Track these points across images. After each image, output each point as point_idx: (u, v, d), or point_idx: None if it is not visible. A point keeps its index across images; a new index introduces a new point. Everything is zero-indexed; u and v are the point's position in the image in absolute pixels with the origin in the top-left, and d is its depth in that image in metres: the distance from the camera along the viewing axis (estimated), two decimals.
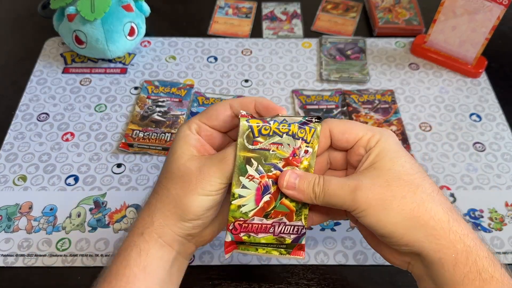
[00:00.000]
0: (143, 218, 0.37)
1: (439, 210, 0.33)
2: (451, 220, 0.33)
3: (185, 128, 0.38)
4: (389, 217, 0.33)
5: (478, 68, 0.67)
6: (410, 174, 0.34)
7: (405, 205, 0.33)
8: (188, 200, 0.36)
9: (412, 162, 0.35)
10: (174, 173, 0.37)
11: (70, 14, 0.62)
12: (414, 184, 0.34)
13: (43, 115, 0.62)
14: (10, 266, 0.48)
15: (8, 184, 0.54)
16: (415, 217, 0.33)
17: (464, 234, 0.32)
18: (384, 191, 0.33)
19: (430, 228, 0.33)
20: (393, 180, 0.34)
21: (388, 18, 0.75)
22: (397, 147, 0.36)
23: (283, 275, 0.48)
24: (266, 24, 0.76)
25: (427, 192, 0.34)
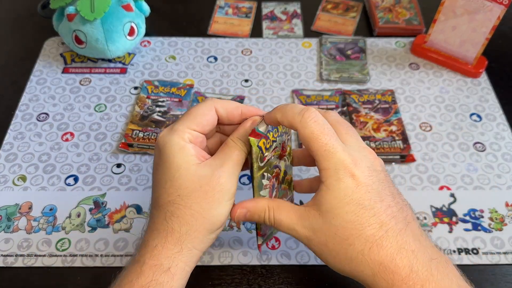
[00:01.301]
0: (168, 248, 0.35)
1: (365, 267, 0.34)
2: (378, 274, 0.34)
3: (176, 139, 0.36)
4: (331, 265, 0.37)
5: (478, 68, 0.67)
6: (346, 230, 0.35)
7: (339, 260, 0.36)
8: (216, 210, 0.36)
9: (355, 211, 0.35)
10: (190, 187, 0.35)
11: (69, 14, 0.62)
12: (348, 242, 0.35)
13: (42, 115, 0.62)
14: (9, 266, 0.48)
15: (7, 184, 0.54)
16: (346, 271, 0.36)
17: (389, 285, 0.33)
18: (323, 247, 0.36)
19: (360, 281, 0.36)
20: (331, 237, 0.35)
21: (388, 18, 0.74)
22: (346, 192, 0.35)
23: (283, 275, 0.48)
24: (266, 24, 0.76)
25: (358, 250, 0.34)
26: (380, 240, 0.34)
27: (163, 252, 0.35)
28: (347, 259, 0.35)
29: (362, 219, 0.34)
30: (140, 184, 0.55)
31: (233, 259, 0.49)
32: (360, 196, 0.35)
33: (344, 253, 0.35)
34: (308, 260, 0.49)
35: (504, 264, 0.49)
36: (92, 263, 0.48)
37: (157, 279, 0.34)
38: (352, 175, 0.35)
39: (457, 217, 0.52)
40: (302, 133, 0.35)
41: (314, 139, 0.35)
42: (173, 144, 0.36)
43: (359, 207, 0.35)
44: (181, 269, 0.36)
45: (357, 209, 0.34)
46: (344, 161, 0.35)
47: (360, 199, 0.35)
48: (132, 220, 0.51)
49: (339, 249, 0.35)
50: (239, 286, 0.47)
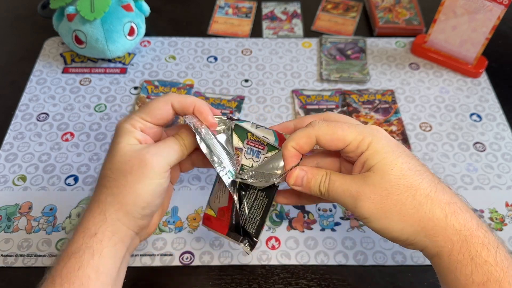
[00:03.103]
0: (94, 216, 0.37)
1: (436, 210, 0.35)
2: (449, 215, 0.35)
3: (127, 125, 0.39)
4: (391, 224, 0.35)
5: (478, 68, 0.67)
6: (408, 177, 0.35)
7: (405, 211, 0.35)
8: (140, 185, 0.37)
9: (409, 160, 0.36)
10: (120, 162, 0.38)
11: (69, 14, 0.62)
12: (413, 187, 0.35)
13: (42, 115, 0.62)
14: (10, 266, 0.48)
15: (7, 184, 0.54)
16: (415, 222, 0.35)
17: (461, 226, 0.35)
18: (385, 201, 0.35)
19: (429, 229, 0.35)
20: (392, 187, 0.35)
21: (388, 18, 0.74)
22: (391, 147, 0.37)
23: (283, 275, 0.48)
24: (266, 24, 0.76)
25: (425, 193, 0.35)
26: (439, 184, 0.36)
27: (90, 220, 0.37)
28: (415, 206, 0.35)
29: (418, 167, 0.36)
30: None
31: (233, 259, 0.49)
32: (403, 149, 0.37)
33: (412, 201, 0.35)
34: (308, 260, 0.49)
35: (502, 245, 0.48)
36: None
37: (87, 243, 0.36)
38: (386, 135, 0.38)
39: None
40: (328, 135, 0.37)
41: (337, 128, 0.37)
42: (123, 129, 0.39)
43: (409, 157, 0.36)
44: (108, 237, 0.36)
45: (409, 159, 0.36)
46: (372, 126, 0.38)
47: (405, 151, 0.37)
48: None
49: (405, 198, 0.35)
50: (239, 286, 0.47)
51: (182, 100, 0.40)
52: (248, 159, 0.42)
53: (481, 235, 0.34)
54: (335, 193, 0.37)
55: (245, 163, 0.42)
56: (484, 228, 0.35)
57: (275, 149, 0.41)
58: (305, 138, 0.38)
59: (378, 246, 0.50)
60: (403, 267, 0.48)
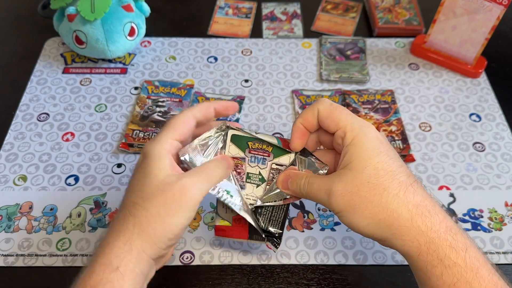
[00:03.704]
0: (118, 247, 0.35)
1: (403, 210, 0.36)
2: (415, 216, 0.36)
3: (158, 148, 0.38)
4: (358, 220, 0.37)
5: (478, 68, 0.67)
6: (379, 176, 0.37)
7: (371, 209, 0.36)
8: (171, 218, 0.36)
9: (386, 160, 0.38)
10: (153, 193, 0.36)
11: (70, 14, 0.62)
12: (382, 187, 0.37)
13: (43, 115, 0.62)
14: (10, 266, 0.48)
15: (8, 184, 0.54)
16: (381, 220, 0.36)
17: (427, 228, 0.35)
18: (354, 198, 0.37)
19: (394, 228, 0.36)
20: (362, 184, 0.37)
21: (388, 18, 0.75)
22: (373, 146, 0.38)
23: (283, 275, 0.48)
24: (266, 24, 0.76)
25: (393, 193, 0.36)
26: (411, 186, 0.37)
27: (113, 250, 0.35)
28: (382, 205, 0.36)
29: (392, 167, 0.37)
30: None
31: (233, 259, 0.49)
32: (386, 149, 0.38)
33: (379, 199, 0.36)
34: (308, 260, 0.49)
35: (503, 264, 0.49)
36: None
37: (107, 277, 0.34)
38: (375, 132, 0.39)
39: (456, 217, 0.52)
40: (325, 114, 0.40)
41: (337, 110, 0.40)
42: (154, 153, 0.38)
43: (388, 157, 0.38)
44: (131, 270, 0.35)
45: (386, 159, 0.37)
46: (368, 124, 0.39)
47: (387, 151, 0.38)
48: None
49: (373, 195, 0.36)
50: (239, 286, 0.47)
51: (199, 108, 0.41)
52: (254, 167, 0.43)
53: (450, 237, 0.35)
54: (314, 193, 0.40)
55: (250, 171, 0.43)
56: (454, 231, 0.36)
57: (281, 152, 0.43)
58: (310, 111, 0.41)
59: (378, 246, 0.50)
60: (403, 266, 0.48)
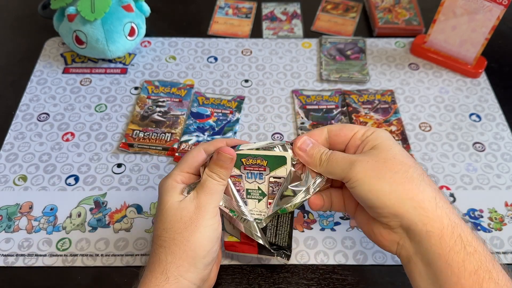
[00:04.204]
0: (155, 277, 0.37)
1: (427, 188, 0.36)
2: (438, 198, 0.36)
3: (170, 181, 0.41)
4: (381, 185, 0.36)
5: (478, 68, 0.67)
6: (404, 157, 0.38)
7: (397, 178, 0.36)
8: (196, 237, 0.38)
9: (406, 152, 0.39)
10: (173, 221, 0.39)
11: (70, 14, 0.62)
12: (408, 164, 0.37)
13: (43, 115, 0.62)
14: (10, 266, 0.48)
15: (8, 184, 0.54)
16: (405, 190, 0.36)
17: (450, 211, 0.35)
18: (379, 165, 0.37)
19: (419, 201, 0.35)
20: (388, 158, 0.37)
21: (388, 18, 0.75)
22: (391, 139, 0.40)
23: (283, 275, 0.48)
24: (266, 24, 0.76)
25: (418, 172, 0.37)
26: (427, 177, 0.37)
27: (152, 282, 0.37)
28: (408, 177, 0.36)
29: (409, 157, 0.38)
30: (141, 184, 0.55)
31: (233, 259, 0.49)
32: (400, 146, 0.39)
33: (405, 172, 0.36)
34: (308, 260, 0.49)
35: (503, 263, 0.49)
36: (93, 263, 0.48)
37: None
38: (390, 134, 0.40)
39: None
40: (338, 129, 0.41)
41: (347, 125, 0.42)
42: (167, 187, 0.40)
43: (402, 150, 0.39)
44: None
45: (402, 150, 0.39)
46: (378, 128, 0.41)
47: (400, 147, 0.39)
48: (132, 220, 0.51)
49: (399, 168, 0.36)
50: (239, 286, 0.47)
51: (213, 143, 0.43)
52: (252, 183, 0.43)
53: (468, 225, 0.35)
54: (335, 161, 0.39)
55: (250, 187, 0.43)
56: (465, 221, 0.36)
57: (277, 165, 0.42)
58: (318, 130, 0.42)
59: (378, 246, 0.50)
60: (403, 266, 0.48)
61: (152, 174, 0.56)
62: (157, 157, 0.57)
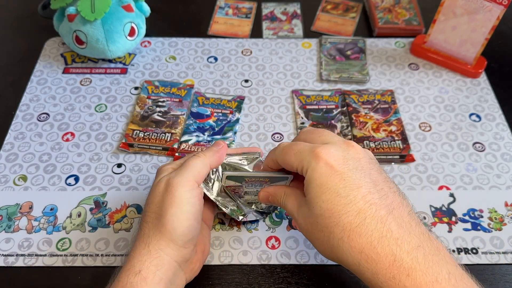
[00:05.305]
0: (139, 251, 0.39)
1: (348, 257, 0.35)
2: (361, 262, 0.34)
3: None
4: (319, 250, 0.39)
5: (478, 68, 0.67)
6: (325, 218, 0.36)
7: (323, 248, 0.38)
8: (172, 211, 0.39)
9: (332, 198, 0.36)
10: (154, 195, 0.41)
11: (70, 14, 0.62)
12: (328, 229, 0.36)
13: (43, 115, 0.62)
14: (10, 266, 0.48)
15: (8, 184, 0.54)
16: (332, 258, 0.38)
17: (372, 274, 0.34)
18: (309, 234, 0.39)
19: (348, 266, 0.36)
20: (313, 224, 0.37)
21: (388, 18, 0.75)
22: (321, 180, 0.36)
23: (283, 275, 0.48)
24: (266, 24, 0.76)
25: (338, 237, 0.35)
26: (358, 228, 0.34)
27: (135, 255, 0.38)
28: (330, 247, 0.36)
29: (338, 207, 0.35)
30: (141, 184, 0.55)
31: (233, 258, 0.49)
32: (335, 184, 0.36)
33: (327, 241, 0.36)
34: (308, 260, 0.49)
35: (503, 263, 0.49)
36: (93, 263, 0.48)
37: (131, 282, 0.37)
38: (325, 163, 0.37)
39: (456, 217, 0.52)
40: (280, 161, 0.41)
41: (286, 154, 0.40)
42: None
43: (334, 195, 0.36)
44: (152, 273, 0.38)
45: (333, 197, 0.36)
46: (317, 154, 0.37)
47: (335, 187, 0.36)
48: (132, 220, 0.51)
49: (322, 237, 0.37)
50: (239, 286, 0.47)
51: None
52: (251, 188, 0.46)
53: (395, 285, 0.33)
54: (288, 210, 0.42)
55: (247, 190, 0.46)
56: (404, 274, 0.33)
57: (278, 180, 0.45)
58: (271, 161, 0.43)
59: None
60: None
61: (152, 174, 0.56)
62: (157, 157, 0.57)
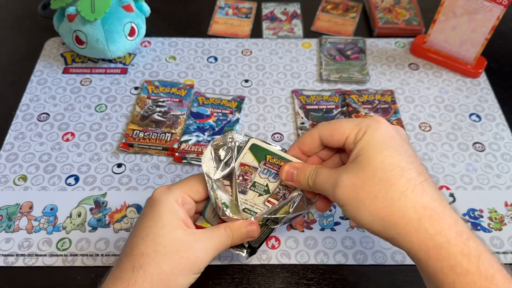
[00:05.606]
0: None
1: (410, 210, 0.34)
2: (423, 218, 0.34)
3: (172, 200, 0.39)
4: (362, 215, 0.35)
5: (477, 68, 0.67)
6: (386, 171, 0.35)
7: (376, 204, 0.35)
8: (182, 279, 0.37)
9: (396, 155, 0.36)
10: (168, 248, 0.36)
11: (70, 14, 0.62)
12: (389, 182, 0.35)
13: (43, 115, 0.62)
14: (10, 266, 0.48)
15: (8, 184, 0.54)
16: (386, 217, 0.34)
17: (435, 232, 0.33)
18: (358, 191, 0.35)
19: (401, 227, 0.34)
20: (368, 178, 0.35)
21: (388, 18, 0.75)
22: (383, 139, 0.36)
23: (283, 275, 0.48)
24: (266, 24, 0.76)
25: (400, 190, 0.34)
26: (421, 185, 0.34)
27: None
28: (387, 201, 0.34)
29: (401, 163, 0.35)
30: (141, 184, 0.55)
31: (233, 258, 0.49)
32: (397, 145, 0.36)
33: (384, 195, 0.34)
34: (308, 260, 0.49)
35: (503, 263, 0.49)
36: (93, 263, 0.48)
37: None
38: (386, 127, 0.37)
39: None
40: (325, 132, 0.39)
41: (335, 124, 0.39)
42: (167, 204, 0.38)
43: (397, 153, 0.36)
44: None
45: (396, 154, 0.36)
46: (377, 119, 0.38)
47: (398, 146, 0.36)
48: (132, 219, 0.51)
49: (378, 190, 0.34)
50: (239, 286, 0.47)
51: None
52: (263, 178, 0.43)
53: (461, 243, 0.33)
54: (319, 184, 0.39)
55: (258, 181, 0.43)
56: (466, 235, 0.33)
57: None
58: (309, 137, 0.40)
59: (378, 246, 0.50)
60: (403, 266, 0.48)
61: (152, 174, 0.56)
62: (157, 157, 0.57)
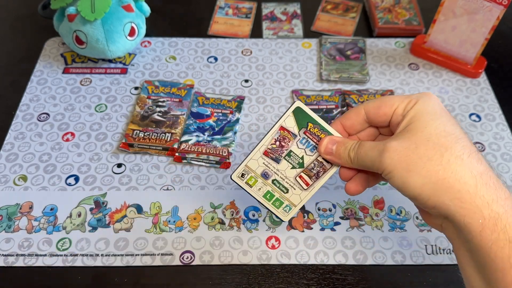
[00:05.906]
0: None
1: (466, 173, 0.32)
2: (480, 184, 0.32)
3: None
4: (413, 179, 0.33)
5: (477, 68, 0.67)
6: (441, 137, 0.34)
7: (430, 167, 0.33)
8: None
9: (448, 124, 0.35)
10: None
11: (70, 14, 0.62)
12: (444, 146, 0.33)
13: (43, 115, 0.62)
14: (10, 266, 0.48)
15: (8, 184, 0.54)
16: (440, 180, 0.32)
17: (493, 200, 0.31)
18: (410, 153, 0.33)
19: (455, 192, 0.32)
20: (421, 142, 0.34)
21: (388, 18, 0.75)
22: (435, 109, 0.36)
23: (283, 275, 0.48)
24: (266, 24, 0.76)
25: (456, 154, 0.33)
26: (475, 153, 0.33)
27: None
28: (443, 164, 0.32)
29: (456, 131, 0.34)
30: (141, 184, 0.55)
31: (233, 258, 0.49)
32: (448, 116, 0.36)
33: (439, 158, 0.33)
34: (308, 260, 0.49)
35: None
36: (93, 263, 0.48)
37: None
38: (436, 100, 0.37)
39: None
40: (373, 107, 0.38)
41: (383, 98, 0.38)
42: None
43: (450, 122, 0.35)
44: None
45: (449, 123, 0.35)
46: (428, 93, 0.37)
47: (449, 118, 0.35)
48: (132, 219, 0.51)
49: (432, 154, 0.33)
50: (239, 286, 0.47)
51: None
52: (300, 149, 0.41)
53: None
54: (364, 154, 0.36)
55: (294, 150, 0.41)
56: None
57: None
58: (354, 112, 0.39)
59: (378, 246, 0.50)
60: (403, 266, 0.48)
61: (152, 174, 0.56)
62: (157, 157, 0.57)
